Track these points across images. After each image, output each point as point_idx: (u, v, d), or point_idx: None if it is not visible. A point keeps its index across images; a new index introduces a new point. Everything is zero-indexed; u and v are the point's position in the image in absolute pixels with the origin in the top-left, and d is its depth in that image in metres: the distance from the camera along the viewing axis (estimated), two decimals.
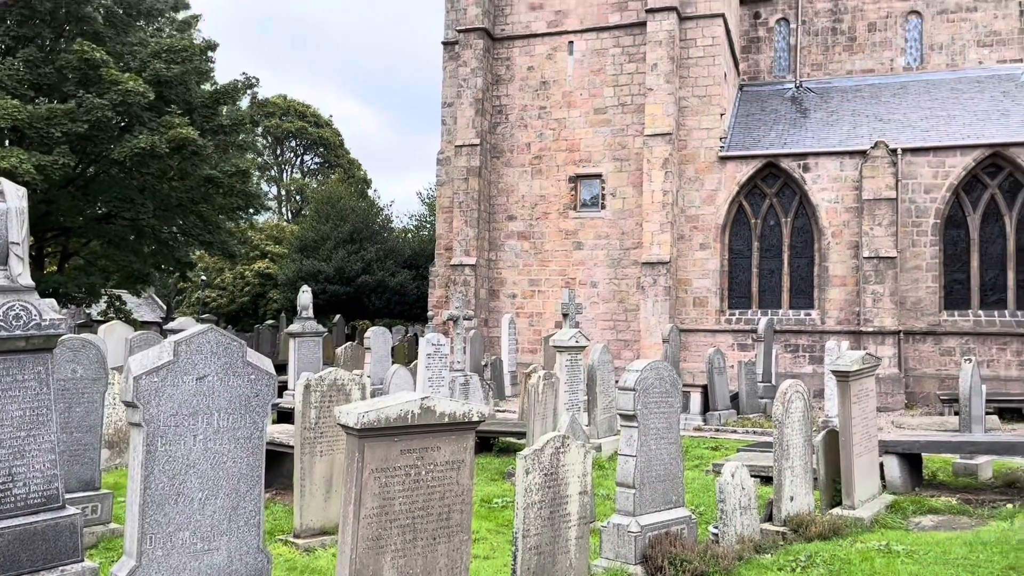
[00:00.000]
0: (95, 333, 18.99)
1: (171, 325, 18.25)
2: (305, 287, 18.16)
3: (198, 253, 34.99)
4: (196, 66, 21.74)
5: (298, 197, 57.56)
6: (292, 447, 8.38)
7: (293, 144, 58.25)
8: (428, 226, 46.66)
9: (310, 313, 17.58)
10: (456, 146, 25.62)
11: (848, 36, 27.90)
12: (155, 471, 4.42)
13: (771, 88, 27.89)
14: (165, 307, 46.03)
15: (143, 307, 42.51)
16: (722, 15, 24.34)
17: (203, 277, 43.25)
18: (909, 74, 27.05)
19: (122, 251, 23.04)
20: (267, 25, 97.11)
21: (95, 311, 33.34)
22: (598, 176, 24.99)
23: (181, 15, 23.89)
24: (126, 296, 33.32)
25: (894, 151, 22.32)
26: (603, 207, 24.87)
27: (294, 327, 17.26)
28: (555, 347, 13.39)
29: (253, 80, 22.81)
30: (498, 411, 17.74)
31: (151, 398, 4.41)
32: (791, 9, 28.44)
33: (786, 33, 28.63)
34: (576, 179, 25.21)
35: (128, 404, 4.45)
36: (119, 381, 7.62)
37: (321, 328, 17.87)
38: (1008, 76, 25.51)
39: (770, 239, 24.07)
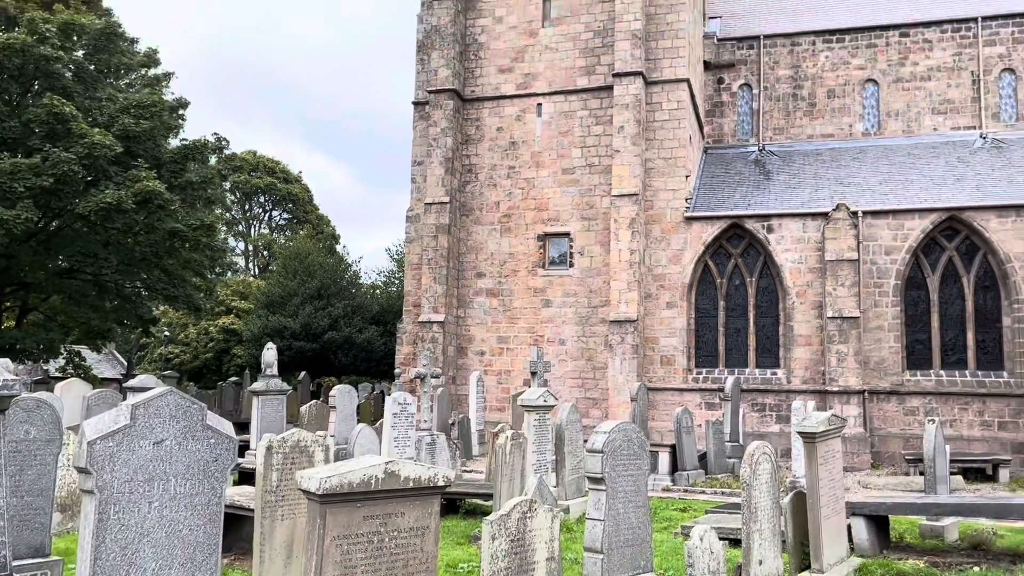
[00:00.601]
0: (52, 390, 18.50)
1: (131, 383, 17.83)
2: (270, 344, 17.91)
3: (162, 308, 34.49)
4: (165, 122, 21.75)
5: (265, 253, 57.28)
6: (252, 510, 8.15)
7: (262, 200, 58.18)
8: (396, 282, 46.59)
9: (274, 371, 17.30)
10: (426, 204, 25.75)
11: (808, 102, 28.78)
12: (107, 540, 4.26)
13: (735, 151, 28.55)
14: (126, 363, 45.13)
15: (103, 363, 41.62)
16: (687, 80, 25.00)
17: (166, 332, 42.57)
18: (867, 139, 27.89)
19: (83, 307, 22.64)
20: (235, 77, 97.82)
21: (53, 367, 32.54)
22: (566, 235, 25.21)
23: (153, 72, 23.96)
24: (86, 352, 32.62)
25: (855, 213, 22.85)
26: (571, 265, 25.04)
27: (258, 385, 16.96)
28: (523, 406, 13.28)
29: (223, 141, 22.84)
30: (465, 471, 17.49)
31: (105, 464, 4.27)
32: (753, 75, 29.32)
33: (749, 98, 29.45)
34: (545, 237, 25.41)
35: (81, 470, 4.30)
36: (74, 441, 7.40)
37: (285, 386, 17.58)
38: (962, 142, 26.39)
39: (736, 298, 24.35)
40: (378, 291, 45.44)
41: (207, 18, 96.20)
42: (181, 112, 22.82)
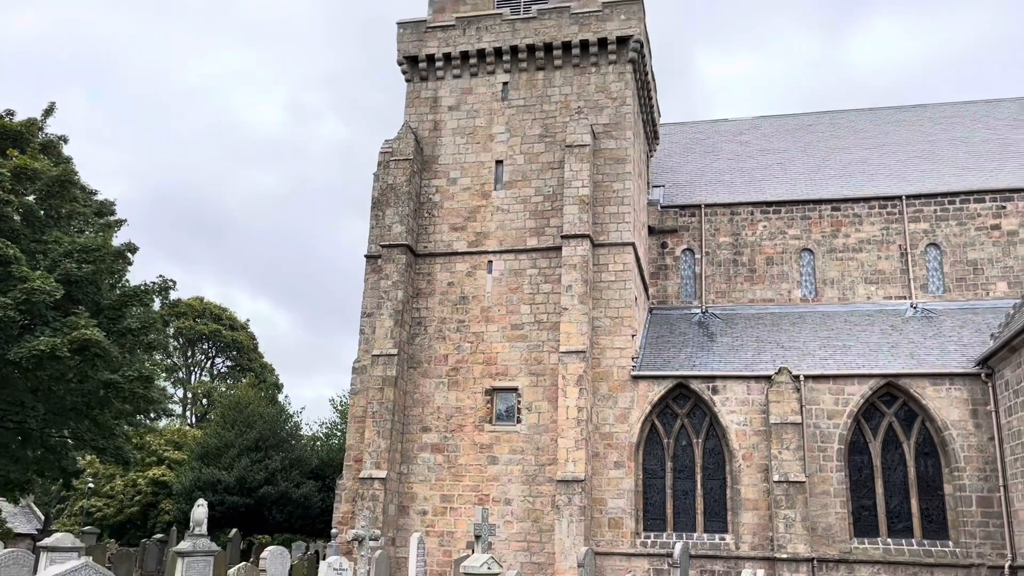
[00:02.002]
0: None
1: (46, 541, 16.60)
2: (201, 501, 17.00)
3: (88, 458, 32.81)
4: (109, 266, 21.50)
5: (205, 401, 55.64)
6: None
7: (205, 347, 57.17)
8: (339, 434, 45.35)
9: (203, 529, 16.33)
10: (373, 355, 25.53)
11: (748, 268, 29.94)
12: None
13: (679, 312, 29.26)
14: (44, 517, 42.29)
15: (18, 516, 38.94)
16: (632, 244, 25.89)
17: (90, 484, 40.28)
18: (806, 305, 28.90)
19: (2, 457, 21.36)
20: (183, 220, 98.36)
21: None
22: (514, 389, 25.08)
23: (105, 219, 23.92)
24: (1, 503, 30.55)
25: (797, 377, 23.28)
26: (519, 421, 24.76)
27: (184, 545, 15.92)
28: (466, 574, 12.67)
29: (169, 283, 22.62)
30: None
31: None
32: (695, 241, 30.57)
33: (691, 262, 30.56)
34: (492, 392, 25.22)
35: None
36: None
37: (214, 547, 16.55)
38: (894, 311, 27.50)
39: (683, 459, 24.19)
40: (319, 443, 44.10)
41: (161, 163, 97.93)
42: (129, 256, 22.64)
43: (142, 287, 22.29)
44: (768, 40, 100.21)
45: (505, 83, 28.02)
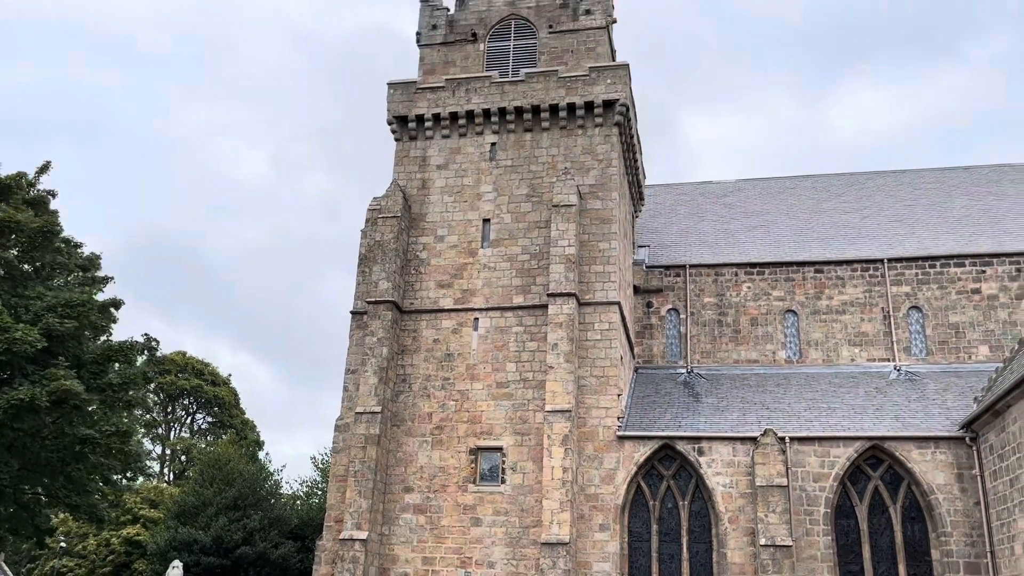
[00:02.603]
0: None
1: None
2: (176, 562, 16.65)
3: (61, 516, 32.02)
4: (92, 322, 21.36)
5: (183, 458, 54.64)
6: None
7: (186, 402, 56.40)
8: (320, 493, 44.53)
9: None
10: (356, 413, 25.25)
11: (733, 328, 30.05)
12: None
13: (665, 372, 29.23)
14: None
15: None
16: (618, 303, 25.98)
17: (62, 544, 39.22)
18: (790, 366, 28.95)
19: None
20: (168, 272, 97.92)
21: None
22: (499, 449, 24.81)
23: (91, 274, 23.88)
24: None
25: (782, 439, 23.19)
26: (503, 481, 24.43)
27: None
28: None
29: (154, 342, 22.45)
30: None
31: None
32: (680, 301, 30.72)
33: (677, 322, 30.65)
34: (477, 451, 24.94)
35: None
36: None
37: None
38: (879, 373, 27.59)
39: (669, 522, 23.88)
40: (299, 502, 43.25)
41: (145, 214, 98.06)
42: (113, 312, 22.52)
43: (126, 343, 22.13)
44: (751, 103, 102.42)
45: (493, 143, 28.42)
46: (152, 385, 43.24)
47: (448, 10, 31.08)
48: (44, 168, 23.97)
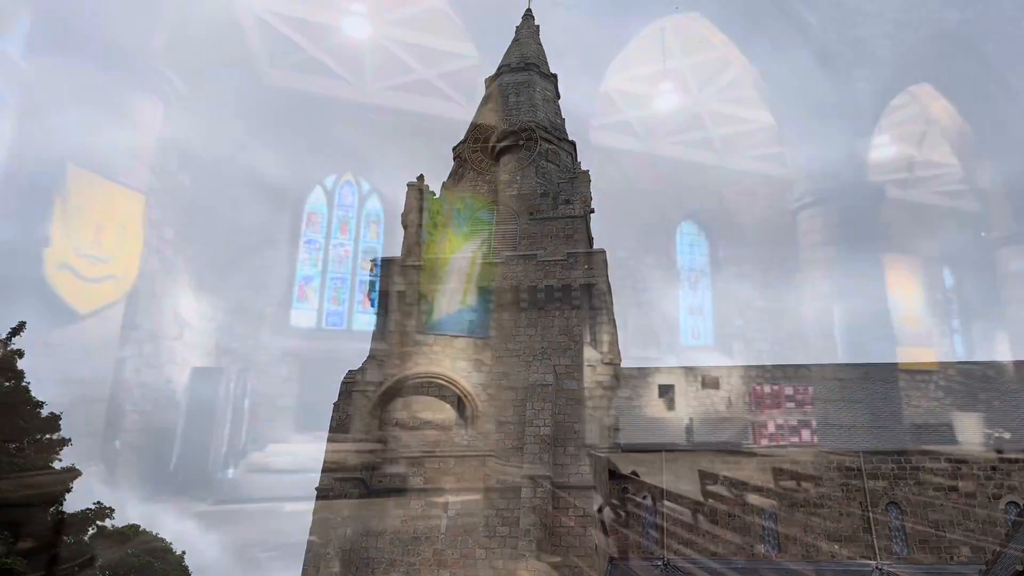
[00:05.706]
0: None
1: None
2: None
3: None
4: (45, 492, 20.47)
5: None
6: None
7: None
8: None
9: None
10: None
11: (710, 519, 29.09)
12: None
13: (642, 563, 28.02)
14: None
15: None
16: (593, 487, 25.35)
17: None
18: (769, 561, 27.89)
19: None
20: (107, 422, 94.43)
21: None
22: None
23: (48, 437, 23.15)
24: None
25: None
26: None
27: None
28: None
29: (107, 510, 21.41)
30: None
31: None
32: (656, 488, 29.91)
33: (652, 510, 29.70)
34: None
35: None
36: None
37: None
38: (859, 572, 26.60)
39: None
40: None
41: (103, 376, 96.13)
42: (69, 484, 21.61)
43: (78, 515, 21.10)
44: (726, 288, 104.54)
45: (471, 321, 28.72)
46: (100, 561, 40.79)
47: (434, 193, 32.35)
48: (17, 330, 23.78)
